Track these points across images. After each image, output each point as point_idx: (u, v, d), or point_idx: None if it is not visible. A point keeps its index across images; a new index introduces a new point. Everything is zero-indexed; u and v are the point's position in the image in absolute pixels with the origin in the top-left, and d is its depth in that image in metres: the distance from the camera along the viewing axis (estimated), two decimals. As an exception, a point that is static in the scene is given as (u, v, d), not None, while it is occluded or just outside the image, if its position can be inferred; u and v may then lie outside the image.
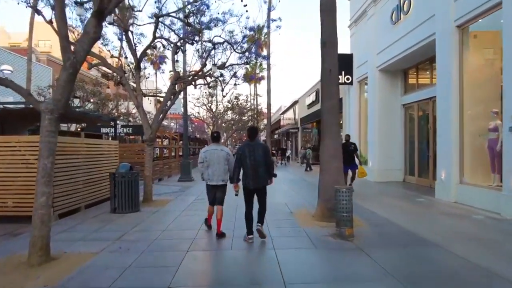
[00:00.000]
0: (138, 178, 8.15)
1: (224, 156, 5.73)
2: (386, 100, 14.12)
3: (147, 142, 9.16)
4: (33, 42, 51.76)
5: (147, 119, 9.43)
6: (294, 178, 16.03)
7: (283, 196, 9.92)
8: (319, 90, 24.44)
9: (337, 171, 6.71)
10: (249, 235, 5.38)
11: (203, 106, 22.40)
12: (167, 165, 17.45)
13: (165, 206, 8.70)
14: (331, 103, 6.88)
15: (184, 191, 11.61)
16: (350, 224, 5.55)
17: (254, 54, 11.00)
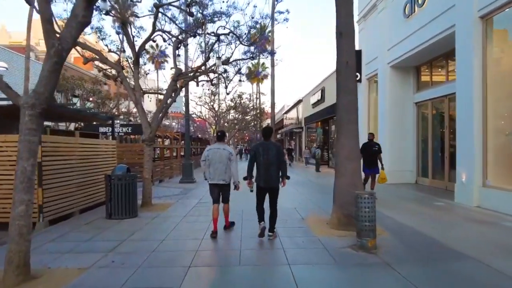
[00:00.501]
0: (136, 180, 7.54)
1: (226, 155, 5.70)
2: (398, 98, 13.47)
3: (146, 142, 8.56)
4: (34, 41, 51.34)
5: (147, 117, 8.82)
6: (301, 180, 15.39)
7: (291, 200, 9.30)
8: (324, 88, 23.88)
9: (353, 173, 6.08)
10: (261, 222, 5.60)
11: (205, 105, 21.80)
12: (168, 166, 16.85)
13: (165, 210, 8.09)
14: (348, 99, 6.25)
15: (185, 194, 11.00)
16: (373, 235, 4.92)
17: (260, 48, 10.37)
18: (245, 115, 25.16)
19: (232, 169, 5.76)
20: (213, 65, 9.90)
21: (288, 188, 11.90)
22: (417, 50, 11.49)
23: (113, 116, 10.80)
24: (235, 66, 10.47)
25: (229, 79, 11.83)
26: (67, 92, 21.00)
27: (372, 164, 9.31)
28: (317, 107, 25.51)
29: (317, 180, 15.54)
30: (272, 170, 5.43)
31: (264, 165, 5.42)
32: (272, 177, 5.45)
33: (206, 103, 21.81)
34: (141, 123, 8.75)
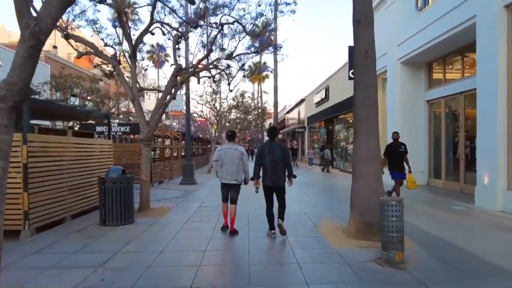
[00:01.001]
0: (132, 183, 6.92)
1: (238, 155, 5.77)
2: (408, 95, 12.85)
3: (144, 141, 7.94)
4: (33, 40, 50.42)
5: (144, 115, 8.21)
6: (307, 181, 14.77)
7: (300, 204, 8.68)
8: (328, 87, 23.25)
9: (374, 176, 5.46)
10: (272, 230, 5.63)
11: (206, 104, 21.11)
12: (168, 167, 16.24)
13: (164, 216, 7.47)
14: (367, 93, 5.63)
15: (186, 197, 10.38)
16: (401, 247, 4.30)
17: (266, 42, 9.75)
18: (247, 115, 24.47)
19: (244, 168, 5.84)
20: (215, 60, 9.28)
21: (295, 190, 11.34)
22: (430, 45, 10.86)
23: (109, 114, 10.17)
24: (238, 61, 9.85)
25: (231, 76, 11.21)
26: (65, 90, 20.41)
27: (399, 168, 8.37)
28: (320, 106, 24.89)
29: (324, 181, 14.92)
30: (278, 170, 5.50)
31: (271, 165, 5.49)
32: (278, 177, 5.53)
33: (207, 102, 21.14)
34: (138, 121, 8.13)
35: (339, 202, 9.01)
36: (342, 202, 8.96)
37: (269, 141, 5.78)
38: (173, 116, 60.83)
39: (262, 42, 9.44)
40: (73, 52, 32.48)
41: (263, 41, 9.35)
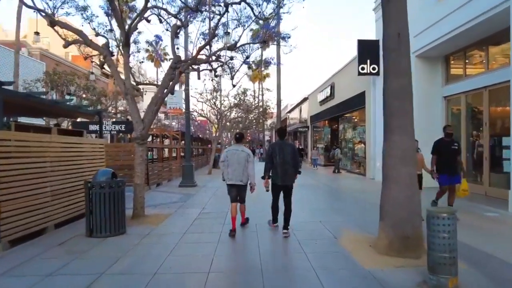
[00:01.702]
0: (124, 188, 6.04)
1: (244, 157, 5.79)
2: (424, 91, 11.96)
3: (138, 140, 7.07)
4: (31, 38, 49.91)
5: (139, 111, 7.34)
6: (316, 184, 13.91)
7: (313, 210, 7.81)
8: (334, 84, 22.35)
9: (409, 180, 4.58)
10: (274, 223, 6.03)
11: (207, 102, 20.25)
12: (167, 168, 15.36)
13: (160, 224, 6.59)
14: (401, 83, 4.75)
15: (185, 201, 9.50)
16: (455, 271, 3.43)
17: (274, 31, 8.86)
18: (249, 113, 23.60)
19: (249, 171, 5.80)
20: (219, 50, 8.40)
21: (306, 194, 10.47)
22: (451, 35, 9.99)
23: (101, 110, 9.30)
24: (242, 52, 8.98)
25: (235, 70, 10.34)
26: (58, 88, 19.53)
27: (452, 170, 6.88)
28: (325, 105, 24.00)
29: (334, 183, 14.03)
30: (288, 169, 5.62)
31: (281, 164, 5.60)
32: (288, 175, 5.64)
33: (208, 100, 20.27)
34: (131, 118, 7.26)
35: (356, 207, 8.14)
36: (359, 207, 8.13)
37: (279, 141, 5.93)
38: (172, 116, 60.02)
39: (269, 32, 8.54)
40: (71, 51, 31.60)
41: (269, 30, 8.44)
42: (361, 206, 8.28)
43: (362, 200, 9.20)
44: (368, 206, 8.24)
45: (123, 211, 5.97)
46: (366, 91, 16.10)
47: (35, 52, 30.06)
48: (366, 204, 8.54)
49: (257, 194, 6.19)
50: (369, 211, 7.62)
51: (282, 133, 6.10)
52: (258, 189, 6.01)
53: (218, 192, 11.14)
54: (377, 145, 14.93)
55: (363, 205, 8.50)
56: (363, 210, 7.75)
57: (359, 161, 18.82)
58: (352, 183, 13.83)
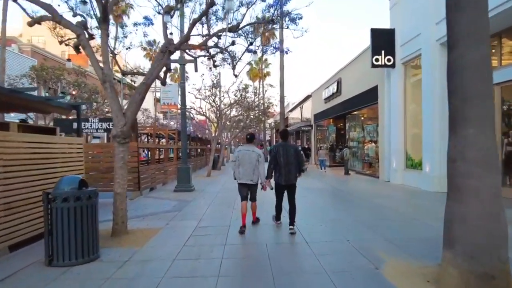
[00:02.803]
0: (96, 200, 4.68)
1: (255, 157, 5.96)
2: (449, 83, 10.62)
3: (118, 138, 5.70)
4: (26, 38, 48.61)
5: (119, 102, 5.98)
6: (327, 188, 12.57)
7: (334, 225, 6.45)
8: (341, 80, 20.95)
9: (493, 193, 3.21)
10: (278, 221, 6.27)
11: (206, 99, 18.90)
12: (162, 170, 13.98)
13: (145, 244, 5.23)
14: (481, 52, 3.36)
15: (180, 210, 8.13)
16: None
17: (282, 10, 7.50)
18: (250, 111, 22.22)
19: (260, 170, 5.98)
20: (218, 32, 7.02)
21: (320, 201, 8.88)
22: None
23: (79, 103, 7.94)
24: (246, 36, 7.62)
25: (236, 58, 8.99)
26: (45, 83, 18.18)
27: None
28: (330, 102, 22.66)
29: (347, 187, 12.67)
30: (291, 169, 5.83)
31: (285, 164, 5.81)
32: (291, 175, 5.84)
33: (207, 97, 18.91)
34: (111, 111, 5.91)
35: (383, 219, 6.78)
36: (387, 219, 6.74)
37: (283, 142, 6.12)
38: (171, 116, 58.46)
39: (277, 9, 7.16)
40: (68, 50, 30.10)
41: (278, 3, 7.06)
42: (389, 217, 6.93)
43: (386, 209, 7.86)
44: (398, 218, 6.89)
45: (95, 230, 4.60)
46: (379, 85, 14.75)
47: (26, 49, 28.68)
48: (394, 215, 7.19)
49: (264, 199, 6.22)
50: (401, 224, 6.27)
51: (285, 135, 6.34)
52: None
53: (217, 199, 9.78)
54: (392, 144, 13.59)
55: (391, 215, 7.15)
56: (394, 223, 6.40)
57: (369, 162, 17.48)
58: (367, 187, 12.47)
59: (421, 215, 7.07)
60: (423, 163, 11.28)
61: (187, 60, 11.69)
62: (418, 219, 6.66)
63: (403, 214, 7.16)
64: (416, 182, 11.68)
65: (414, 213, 7.31)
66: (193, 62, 11.67)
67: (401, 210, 7.61)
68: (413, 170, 12.42)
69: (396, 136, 13.25)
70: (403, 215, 7.08)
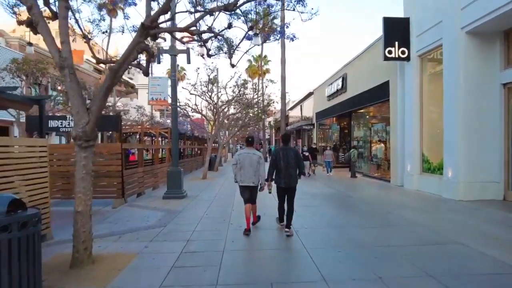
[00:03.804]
0: (38, 228, 3.37)
1: (256, 159, 6.04)
2: (476, 77, 9.36)
3: (79, 141, 4.40)
4: (19, 33, 47.22)
5: (83, 94, 4.67)
6: (335, 193, 11.33)
7: (355, 250, 5.16)
8: (346, 75, 19.61)
9: None
10: (281, 222, 6.30)
11: (202, 96, 17.59)
12: (151, 173, 12.67)
13: (112, 282, 3.94)
14: None
15: (166, 224, 6.84)
16: None
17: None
18: (250, 108, 20.92)
19: (260, 172, 6.07)
20: (210, 11, 5.71)
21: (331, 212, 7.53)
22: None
23: (42, 97, 6.64)
24: (245, 16, 6.33)
25: (234, 45, 7.67)
26: (28, 78, 16.84)
27: None
28: (334, 100, 21.38)
29: (357, 193, 11.36)
30: (291, 172, 5.95)
31: (285, 168, 5.92)
32: (291, 178, 5.96)
33: (203, 93, 17.60)
34: (70, 104, 4.62)
35: (418, 242, 5.49)
36: (424, 242, 5.29)
37: (283, 146, 6.26)
38: (168, 114, 56.79)
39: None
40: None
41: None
42: (422, 239, 5.65)
43: (415, 225, 6.58)
44: (434, 239, 5.58)
45: (36, 272, 3.30)
46: (391, 80, 13.47)
47: (13, 42, 27.29)
48: (427, 235, 5.90)
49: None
50: (443, 251, 4.95)
51: (286, 139, 6.51)
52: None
53: (211, 209, 8.49)
54: (406, 145, 12.32)
55: (424, 236, 5.87)
56: (432, 249, 5.11)
57: (378, 164, 16.20)
58: (381, 193, 11.20)
59: (462, 235, 5.75)
60: (445, 167, 10.00)
61: (179, 51, 10.41)
62: (462, 242, 5.31)
63: (439, 234, 5.86)
64: (435, 188, 10.41)
65: (451, 232, 5.98)
66: (185, 52, 10.39)
67: (434, 227, 6.32)
68: (431, 175, 11.14)
69: (410, 136, 11.97)
70: (439, 236, 5.78)
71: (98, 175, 9.54)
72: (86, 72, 32.03)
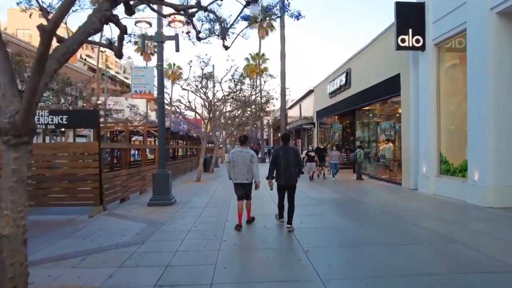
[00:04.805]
0: None
1: (248, 157, 6.20)
2: (508, 64, 8.15)
3: (6, 135, 3.12)
4: (11, 31, 45.78)
5: (12, 72, 3.38)
6: (344, 199, 10.11)
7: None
8: (350, 70, 18.31)
9: None
10: (281, 218, 6.54)
11: (197, 93, 16.36)
12: (138, 176, 11.37)
13: None
14: None
15: (145, 241, 5.57)
16: None
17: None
18: (247, 106, 19.66)
19: (253, 170, 6.21)
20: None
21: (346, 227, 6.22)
22: None
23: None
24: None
25: (227, 26, 6.42)
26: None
27: None
28: (337, 97, 20.16)
29: (373, 200, 10.09)
30: (291, 170, 6.12)
31: (285, 166, 6.08)
32: (291, 176, 6.14)
33: (197, 90, 16.36)
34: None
35: (470, 271, 4.24)
36: (478, 273, 4.05)
37: (283, 145, 6.46)
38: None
39: None
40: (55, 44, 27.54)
41: None
42: (464, 261, 4.42)
43: (447, 240, 5.37)
44: (488, 266, 4.34)
45: None
46: (402, 73, 12.24)
47: (0, 38, 25.85)
48: (466, 253, 4.67)
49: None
50: (502, 281, 3.72)
51: (286, 139, 6.66)
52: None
53: (202, 219, 7.22)
54: (420, 144, 11.10)
55: (461, 254, 4.64)
56: (483, 276, 3.88)
57: (385, 165, 14.96)
58: (395, 199, 9.97)
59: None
60: (470, 169, 8.77)
61: (166, 37, 9.15)
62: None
63: (486, 255, 4.62)
64: (457, 193, 9.19)
65: (498, 251, 4.75)
66: (174, 39, 9.16)
67: (473, 244, 5.06)
68: (450, 178, 9.91)
69: (426, 135, 10.74)
70: (487, 258, 4.53)
71: (74, 179, 8.30)
72: (79, 71, 30.70)
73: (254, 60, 48.59)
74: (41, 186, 8.36)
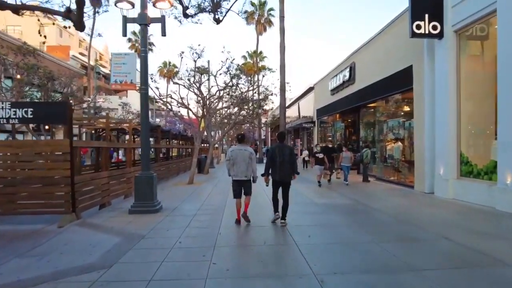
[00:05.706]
0: None
1: (248, 155, 6.44)
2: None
3: None
4: (1, 27, 44.13)
5: None
6: (354, 206, 8.98)
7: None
8: (354, 64, 17.01)
9: None
10: (276, 212, 6.56)
11: (190, 88, 15.16)
12: (122, 178, 10.16)
13: None
14: None
15: (114, 263, 4.38)
16: None
17: None
18: (244, 104, 18.48)
19: (252, 166, 6.47)
20: None
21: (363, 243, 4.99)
22: None
23: None
24: None
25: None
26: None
27: None
28: (339, 93, 19.04)
29: (387, 206, 8.91)
30: (286, 168, 6.40)
31: (280, 163, 6.38)
32: (286, 173, 6.42)
33: (190, 85, 15.17)
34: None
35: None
36: None
37: (279, 144, 6.69)
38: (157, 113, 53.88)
39: None
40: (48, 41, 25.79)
41: None
42: None
43: (492, 262, 4.27)
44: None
45: None
46: (415, 65, 11.11)
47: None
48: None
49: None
50: None
51: (282, 137, 6.86)
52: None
53: (191, 230, 6.05)
54: (437, 143, 9.96)
55: None
56: None
57: (394, 166, 13.82)
58: (411, 204, 8.81)
59: None
60: (500, 171, 7.63)
61: (151, 19, 7.98)
62: None
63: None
64: (483, 198, 8.06)
65: None
66: (160, 21, 8.01)
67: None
68: (474, 180, 8.78)
69: (443, 132, 9.61)
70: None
71: (43, 182, 7.11)
72: (72, 69, 29.41)
73: (251, 58, 47.35)
74: (6, 191, 7.17)
